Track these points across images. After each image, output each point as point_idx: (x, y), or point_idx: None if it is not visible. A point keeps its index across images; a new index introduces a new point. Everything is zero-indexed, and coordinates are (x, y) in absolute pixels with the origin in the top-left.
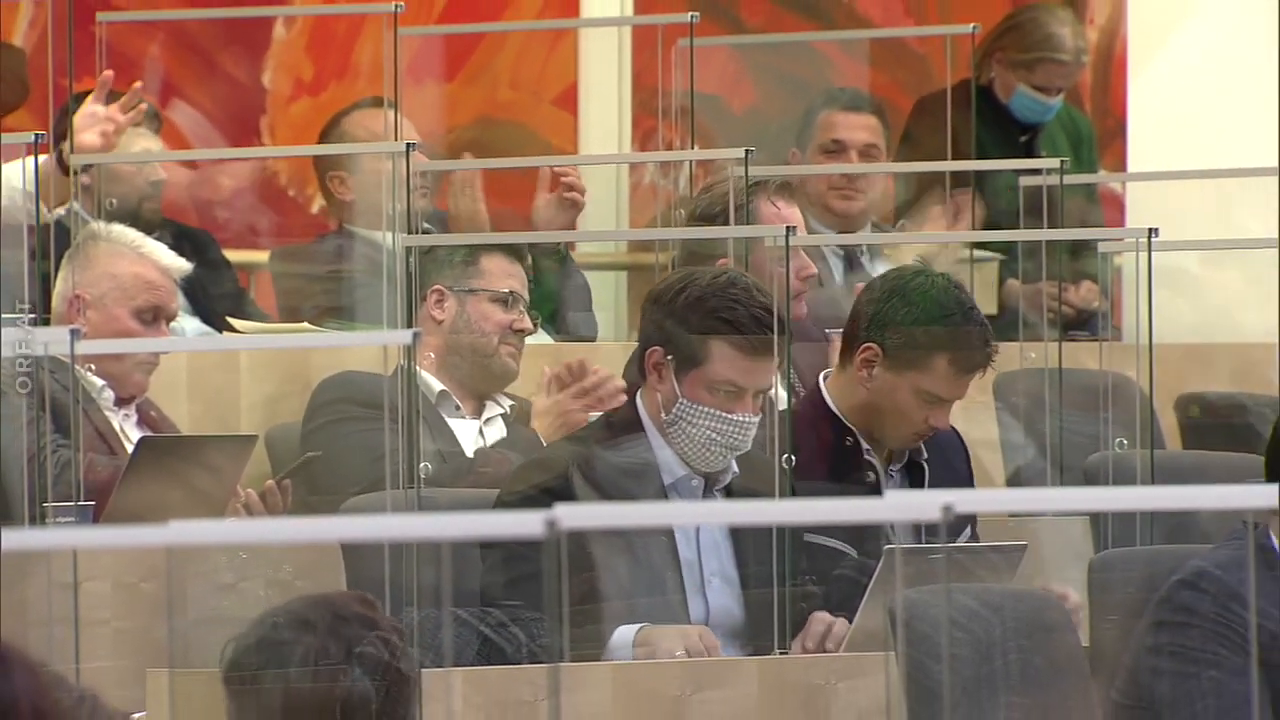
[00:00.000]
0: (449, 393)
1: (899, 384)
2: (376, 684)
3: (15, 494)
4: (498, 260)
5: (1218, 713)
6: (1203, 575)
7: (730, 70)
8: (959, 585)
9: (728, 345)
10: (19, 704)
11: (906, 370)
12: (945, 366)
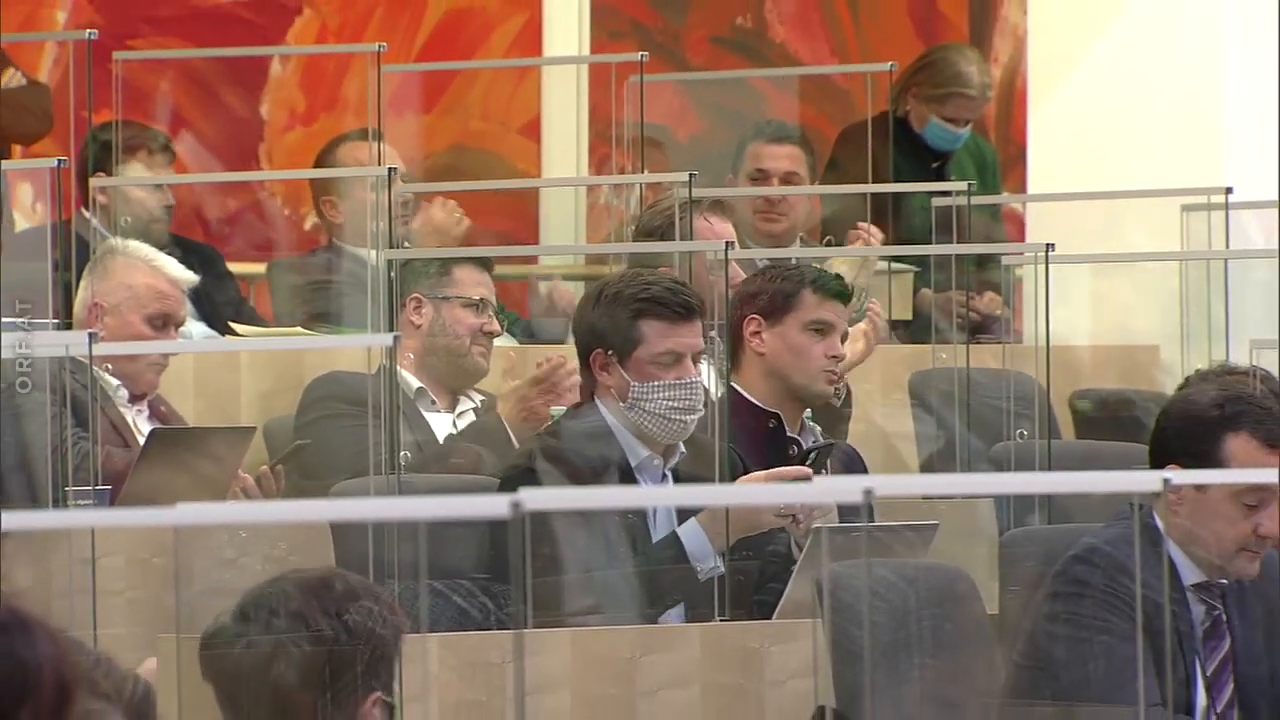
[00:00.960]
0: (425, 389)
1: (785, 331)
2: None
3: (41, 480)
4: (468, 270)
5: (1107, 673)
6: (1094, 551)
7: (676, 103)
8: (878, 560)
9: (655, 320)
10: (42, 668)
11: (784, 315)
12: (810, 295)
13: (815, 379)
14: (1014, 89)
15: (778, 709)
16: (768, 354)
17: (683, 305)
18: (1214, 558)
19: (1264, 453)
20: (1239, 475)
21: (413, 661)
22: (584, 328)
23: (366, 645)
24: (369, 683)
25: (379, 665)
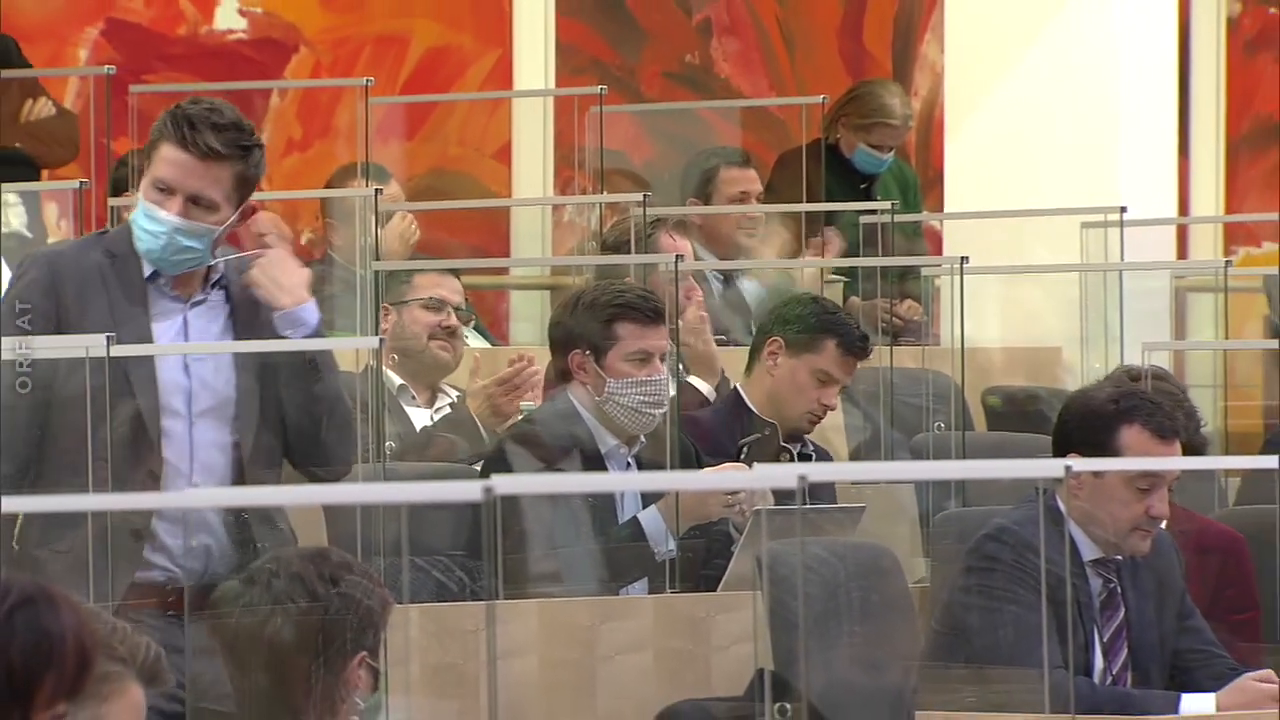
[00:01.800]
0: (407, 386)
1: (795, 368)
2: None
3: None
4: (428, 275)
5: (1015, 639)
6: (1003, 530)
7: (631, 132)
8: (811, 538)
9: (628, 323)
10: (65, 637)
11: (803, 353)
12: (834, 349)
13: (800, 420)
14: (932, 119)
15: (722, 671)
16: (775, 379)
17: (653, 310)
18: (1110, 536)
19: (1155, 442)
20: (1132, 463)
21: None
22: (561, 330)
23: (355, 613)
24: (356, 646)
25: (366, 631)
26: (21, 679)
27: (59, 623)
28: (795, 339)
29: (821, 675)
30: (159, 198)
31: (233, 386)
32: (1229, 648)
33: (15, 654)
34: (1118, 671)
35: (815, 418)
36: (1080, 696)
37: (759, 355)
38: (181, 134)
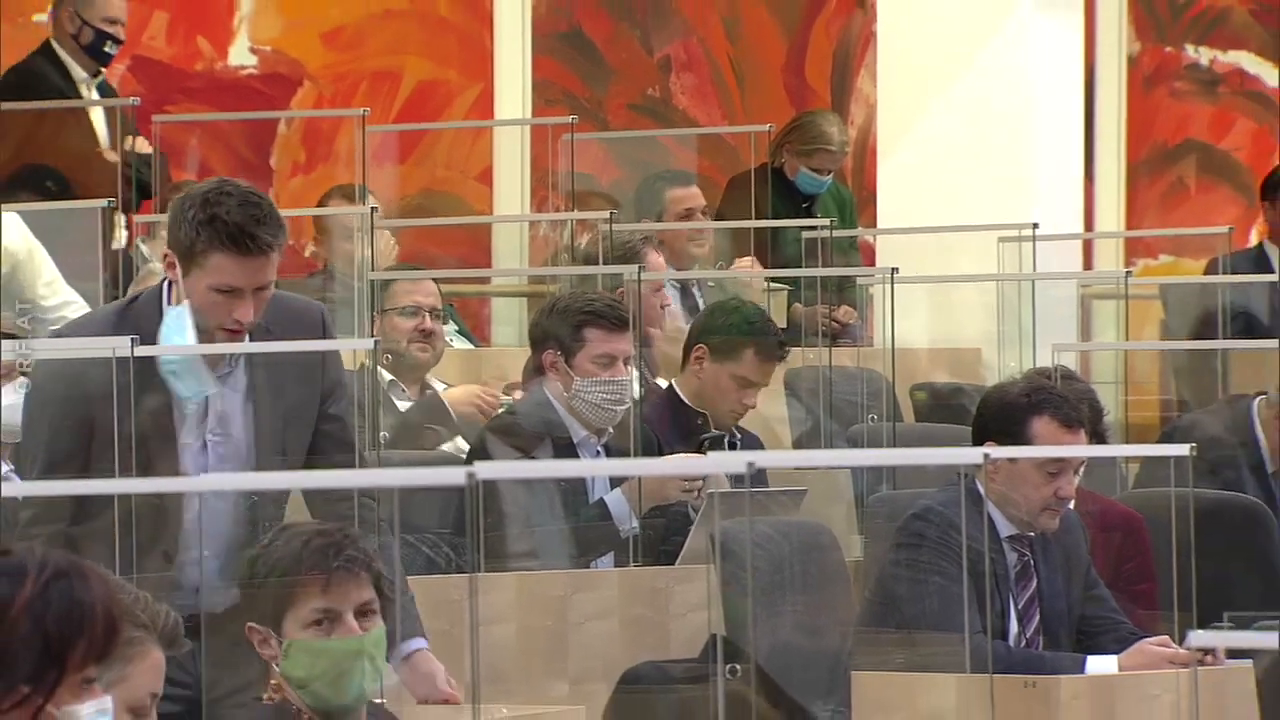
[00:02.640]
0: (396, 381)
1: (718, 372)
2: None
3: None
4: (403, 285)
5: (939, 607)
6: (929, 510)
7: (599, 156)
8: (759, 518)
9: (596, 329)
10: (95, 606)
11: (724, 360)
12: (752, 356)
13: (724, 416)
14: (866, 145)
15: (680, 636)
16: (701, 381)
17: (618, 318)
18: (1023, 515)
19: (1062, 432)
20: (1043, 451)
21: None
22: (538, 331)
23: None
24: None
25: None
26: (56, 644)
27: (90, 594)
28: (718, 347)
29: (768, 639)
30: (224, 300)
31: (251, 466)
32: (1129, 615)
33: (50, 622)
34: (1030, 636)
35: (737, 415)
36: (997, 658)
37: (689, 358)
38: (236, 243)
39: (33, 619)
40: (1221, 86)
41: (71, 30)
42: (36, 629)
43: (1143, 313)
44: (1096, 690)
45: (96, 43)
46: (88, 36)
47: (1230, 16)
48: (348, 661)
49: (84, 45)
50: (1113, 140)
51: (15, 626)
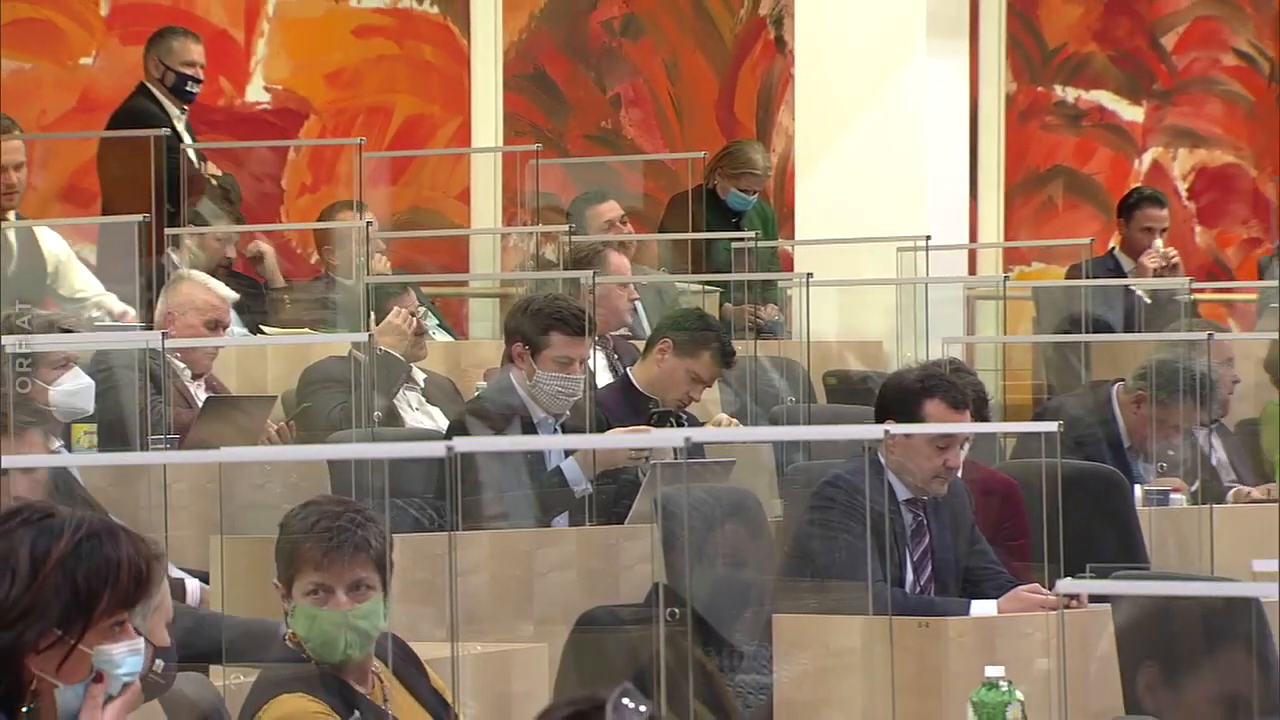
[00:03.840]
0: None
1: (678, 366)
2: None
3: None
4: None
5: (847, 560)
6: (839, 478)
7: (560, 178)
8: (695, 484)
9: (558, 333)
10: (121, 563)
11: (685, 356)
12: (709, 358)
13: (672, 403)
14: (786, 169)
15: (628, 585)
16: (659, 370)
17: (579, 326)
18: (917, 482)
19: (950, 412)
20: (933, 428)
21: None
22: (511, 325)
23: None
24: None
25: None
26: (84, 596)
27: (118, 552)
28: (682, 344)
29: (702, 587)
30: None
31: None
32: (1006, 566)
33: (80, 577)
34: (924, 584)
35: (683, 404)
36: (895, 603)
37: (652, 349)
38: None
39: (64, 573)
40: (1085, 121)
41: (156, 75)
42: (67, 581)
43: (1018, 311)
44: (979, 629)
45: (179, 84)
46: (170, 79)
47: (1092, 61)
48: (334, 630)
49: (169, 87)
50: (993, 165)
51: (49, 579)
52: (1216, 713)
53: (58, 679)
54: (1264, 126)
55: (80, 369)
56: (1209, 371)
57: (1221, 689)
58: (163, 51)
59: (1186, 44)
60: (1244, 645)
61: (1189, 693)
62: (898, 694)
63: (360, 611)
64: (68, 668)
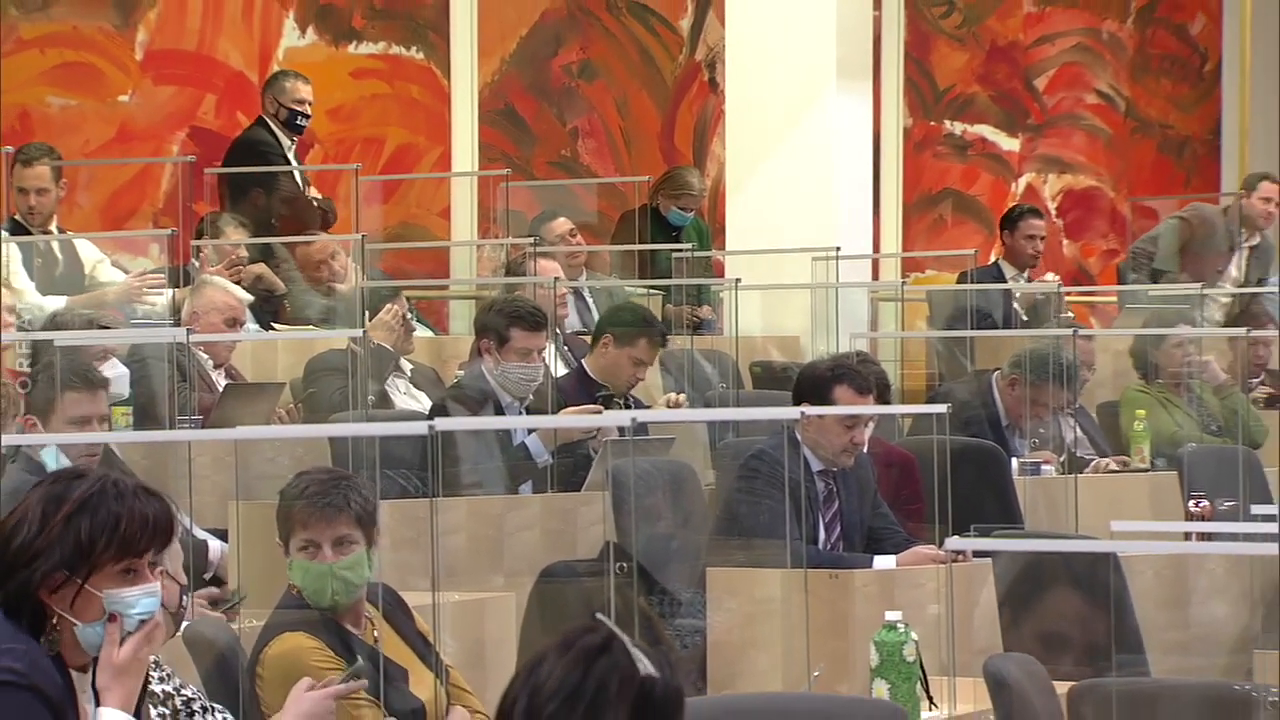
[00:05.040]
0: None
1: (620, 354)
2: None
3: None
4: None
5: (769, 521)
6: (762, 453)
7: (527, 199)
8: (640, 458)
9: (519, 329)
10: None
11: (625, 346)
12: (644, 343)
13: (621, 385)
14: (718, 191)
15: (584, 543)
16: (606, 360)
17: (536, 322)
18: (828, 456)
19: (857, 396)
20: (842, 410)
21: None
22: (480, 324)
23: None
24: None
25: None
26: (86, 545)
27: (121, 506)
28: (620, 335)
29: (646, 545)
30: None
31: None
32: (903, 527)
33: (84, 527)
34: (834, 542)
35: (631, 385)
36: (809, 558)
37: (597, 343)
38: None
39: (70, 523)
40: (969, 150)
41: (271, 110)
42: (71, 530)
43: (914, 311)
44: (881, 580)
45: (291, 118)
46: (284, 115)
47: (976, 100)
48: (322, 580)
49: (282, 121)
50: (893, 187)
51: (56, 527)
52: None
53: (72, 615)
54: (1120, 155)
55: (117, 359)
56: (1074, 360)
57: (1084, 630)
58: (278, 90)
59: (1055, 85)
60: (1104, 594)
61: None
62: (812, 635)
63: (345, 563)
64: (79, 605)
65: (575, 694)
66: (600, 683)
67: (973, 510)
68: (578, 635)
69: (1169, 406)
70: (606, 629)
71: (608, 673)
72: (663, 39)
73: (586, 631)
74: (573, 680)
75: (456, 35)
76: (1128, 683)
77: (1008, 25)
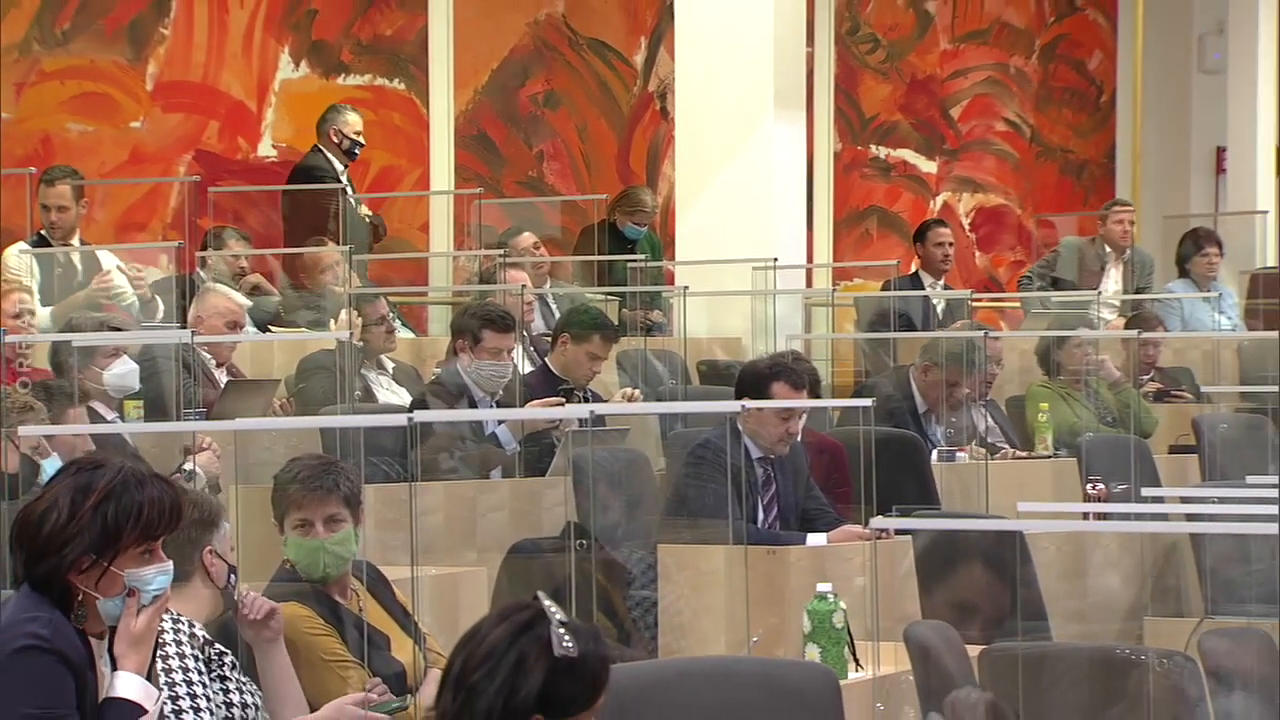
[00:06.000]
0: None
1: (577, 351)
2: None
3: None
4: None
5: (714, 503)
6: (708, 441)
7: (498, 215)
8: (598, 447)
9: (489, 330)
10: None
11: (580, 343)
12: (598, 340)
13: (581, 380)
14: (668, 208)
15: (548, 522)
16: (566, 358)
17: (506, 325)
18: (767, 444)
19: (791, 391)
20: (779, 403)
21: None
22: (455, 326)
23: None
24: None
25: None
26: (112, 530)
27: (142, 495)
28: (576, 334)
29: (603, 524)
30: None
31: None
32: (833, 508)
33: (109, 514)
34: (771, 521)
35: (589, 379)
36: (749, 535)
37: (556, 343)
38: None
39: (97, 511)
40: (893, 172)
41: (335, 141)
42: (98, 518)
43: (844, 316)
44: (813, 555)
45: (350, 147)
46: (345, 144)
47: (898, 127)
48: (314, 555)
49: (343, 150)
50: (824, 205)
51: (84, 515)
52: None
53: (97, 592)
54: (1026, 176)
55: (128, 357)
56: (983, 358)
57: (993, 600)
58: (340, 123)
59: (969, 114)
60: (1011, 567)
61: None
62: (751, 604)
63: (335, 539)
64: (103, 584)
65: (499, 661)
66: (521, 652)
67: (895, 493)
68: (512, 610)
69: (1069, 400)
70: (537, 607)
71: (529, 644)
72: (619, 72)
73: (521, 608)
74: (500, 649)
75: (434, 69)
76: (1031, 646)
77: (926, 60)
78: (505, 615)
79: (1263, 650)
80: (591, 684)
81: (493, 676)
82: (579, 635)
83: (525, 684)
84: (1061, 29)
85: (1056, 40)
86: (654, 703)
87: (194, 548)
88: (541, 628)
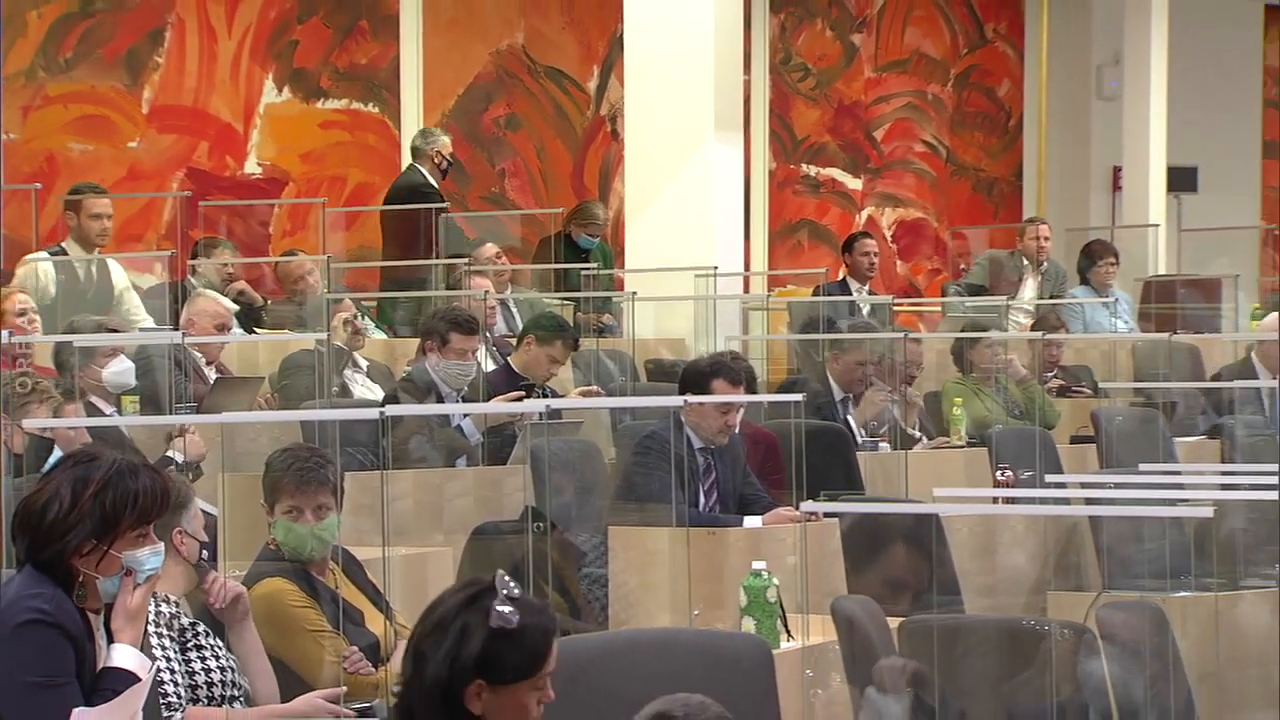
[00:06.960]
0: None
1: (540, 353)
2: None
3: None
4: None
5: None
6: (654, 433)
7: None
8: (555, 438)
9: (456, 332)
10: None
11: (544, 346)
12: (560, 345)
13: (540, 379)
14: (619, 220)
15: (509, 507)
16: (527, 359)
17: (471, 328)
18: (707, 435)
19: (730, 387)
20: (718, 399)
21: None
22: (424, 328)
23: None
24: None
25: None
26: (111, 516)
27: (137, 484)
28: (541, 337)
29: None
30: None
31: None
32: (768, 494)
33: (108, 502)
34: (711, 506)
35: (547, 379)
36: (691, 518)
37: (521, 343)
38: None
39: (96, 500)
40: (822, 189)
41: (438, 162)
42: (98, 506)
43: (777, 318)
44: (749, 536)
45: (448, 167)
46: (445, 164)
47: (827, 148)
48: (303, 540)
49: (442, 169)
50: (760, 218)
51: (85, 504)
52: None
53: (97, 574)
54: (942, 193)
55: (125, 356)
56: (904, 357)
57: (912, 576)
58: (439, 144)
59: (891, 136)
60: (928, 546)
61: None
62: (693, 581)
63: (322, 526)
64: (103, 566)
65: (446, 629)
66: (465, 622)
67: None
68: (467, 584)
69: (981, 395)
70: (488, 582)
71: (472, 615)
72: (574, 97)
73: (473, 583)
74: (447, 619)
75: (406, 94)
76: (946, 618)
77: (852, 87)
78: (461, 588)
79: (1154, 621)
80: (531, 653)
81: (440, 644)
82: (524, 608)
83: (465, 650)
84: (974, 59)
85: (969, 70)
86: (604, 670)
87: (165, 529)
88: (486, 600)
